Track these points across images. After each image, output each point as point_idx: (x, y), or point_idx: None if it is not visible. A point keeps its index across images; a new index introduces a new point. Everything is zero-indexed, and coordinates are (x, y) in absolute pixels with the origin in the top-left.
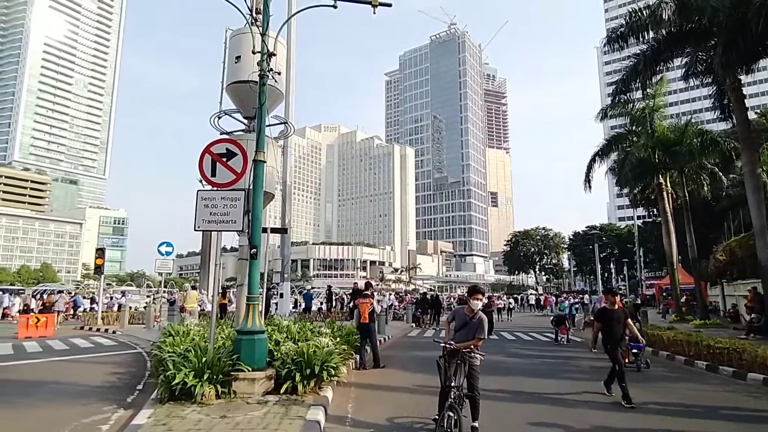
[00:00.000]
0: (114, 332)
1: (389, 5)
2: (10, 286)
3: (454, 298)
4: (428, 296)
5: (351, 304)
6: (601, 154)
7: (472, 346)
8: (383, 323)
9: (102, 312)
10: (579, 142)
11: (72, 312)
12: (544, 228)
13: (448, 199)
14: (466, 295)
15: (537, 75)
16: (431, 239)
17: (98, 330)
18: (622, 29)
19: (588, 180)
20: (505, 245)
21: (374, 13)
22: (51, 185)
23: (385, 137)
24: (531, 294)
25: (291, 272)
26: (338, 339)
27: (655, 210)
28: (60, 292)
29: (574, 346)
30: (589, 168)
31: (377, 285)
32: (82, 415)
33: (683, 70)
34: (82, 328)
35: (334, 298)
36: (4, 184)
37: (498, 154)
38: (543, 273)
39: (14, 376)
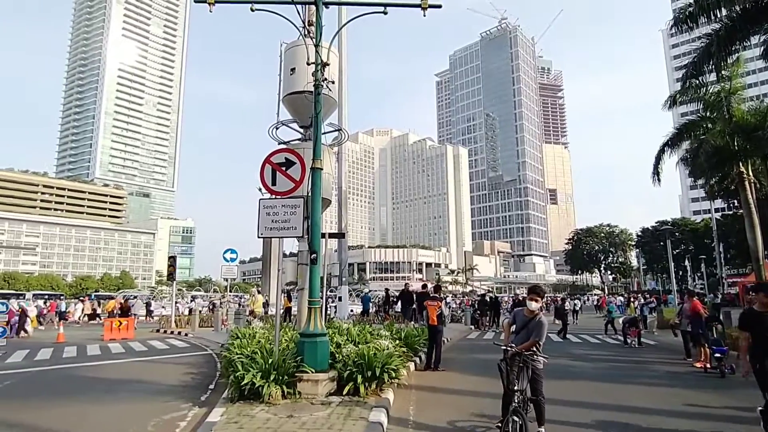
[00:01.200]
0: (186, 335)
1: (439, 6)
2: (96, 293)
3: (513, 298)
4: (487, 298)
5: (399, 306)
6: (671, 143)
7: (534, 349)
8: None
9: (175, 316)
10: (645, 133)
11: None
12: (608, 225)
13: (504, 198)
14: (525, 296)
15: (596, 64)
16: (488, 240)
17: (172, 332)
18: (691, 9)
19: (657, 173)
20: (566, 244)
21: (424, 15)
22: (127, 199)
23: (437, 138)
24: (595, 294)
25: (348, 276)
26: (397, 341)
27: (735, 201)
28: (135, 297)
29: (646, 350)
30: (658, 159)
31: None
32: (162, 412)
33: (762, 48)
34: (157, 330)
35: (391, 300)
36: (88, 200)
37: (556, 149)
38: (609, 272)
39: (103, 374)
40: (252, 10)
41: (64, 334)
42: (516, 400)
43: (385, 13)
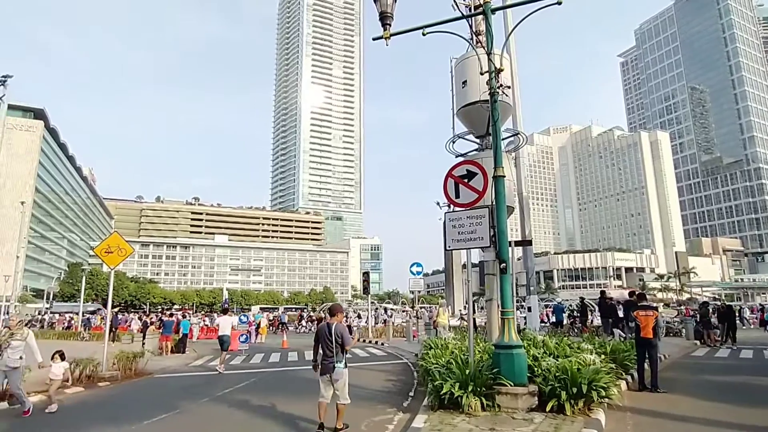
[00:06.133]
0: (382, 344)
1: None
2: (301, 307)
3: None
4: (712, 306)
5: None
6: None
7: None
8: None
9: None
10: None
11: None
12: None
13: (726, 184)
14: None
15: None
16: (706, 236)
17: (370, 342)
18: None
19: None
20: None
21: None
22: (324, 223)
23: (627, 126)
24: None
25: (535, 285)
26: (603, 356)
27: None
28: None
29: None
30: None
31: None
32: (372, 414)
33: None
34: (357, 339)
35: (588, 310)
36: (295, 227)
37: None
38: None
39: None
40: (424, 34)
41: (287, 341)
42: None
43: (560, 3)
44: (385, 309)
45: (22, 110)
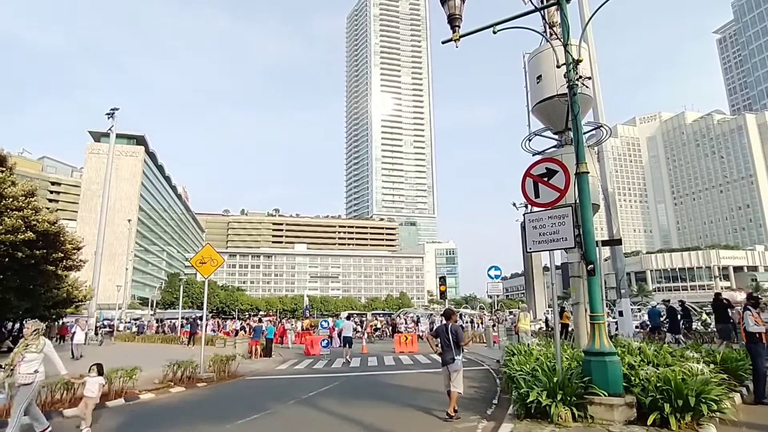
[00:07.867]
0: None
1: None
2: (381, 311)
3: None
4: None
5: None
6: None
7: None
8: None
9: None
10: None
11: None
12: None
13: None
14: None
15: None
16: None
17: None
18: None
19: None
20: None
21: None
22: (398, 229)
23: (728, 109)
24: None
25: (626, 287)
26: (712, 365)
27: None
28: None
29: None
30: None
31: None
32: (455, 421)
33: None
34: (469, 341)
35: (693, 315)
36: (370, 233)
37: None
38: None
39: (401, 382)
40: (495, 32)
41: (366, 346)
42: None
43: None
44: (461, 315)
45: (127, 138)
